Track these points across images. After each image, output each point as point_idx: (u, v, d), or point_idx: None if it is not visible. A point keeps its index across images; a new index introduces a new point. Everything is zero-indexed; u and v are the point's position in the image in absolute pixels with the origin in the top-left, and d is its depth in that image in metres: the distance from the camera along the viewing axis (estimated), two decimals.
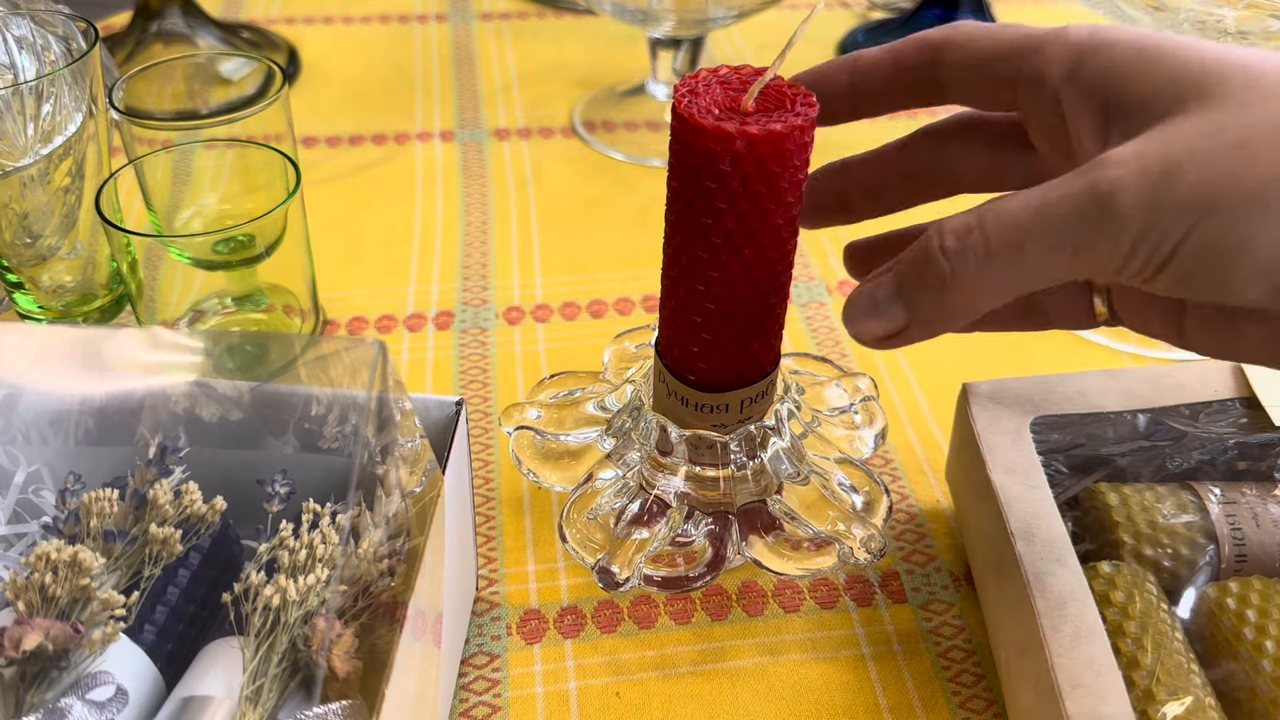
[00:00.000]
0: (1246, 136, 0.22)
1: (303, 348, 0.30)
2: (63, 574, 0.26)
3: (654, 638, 0.37)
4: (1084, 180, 0.23)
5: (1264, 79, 0.23)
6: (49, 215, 0.43)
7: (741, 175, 0.28)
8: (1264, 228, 0.22)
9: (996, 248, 0.24)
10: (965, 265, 0.24)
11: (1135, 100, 0.24)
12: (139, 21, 0.69)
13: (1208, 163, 0.22)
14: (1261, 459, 0.37)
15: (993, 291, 0.25)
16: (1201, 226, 0.22)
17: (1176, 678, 0.30)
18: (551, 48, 0.77)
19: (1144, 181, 0.22)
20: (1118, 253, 0.23)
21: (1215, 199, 0.22)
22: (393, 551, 0.27)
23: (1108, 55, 0.25)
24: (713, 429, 0.34)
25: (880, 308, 0.26)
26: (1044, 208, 0.23)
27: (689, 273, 0.31)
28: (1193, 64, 0.24)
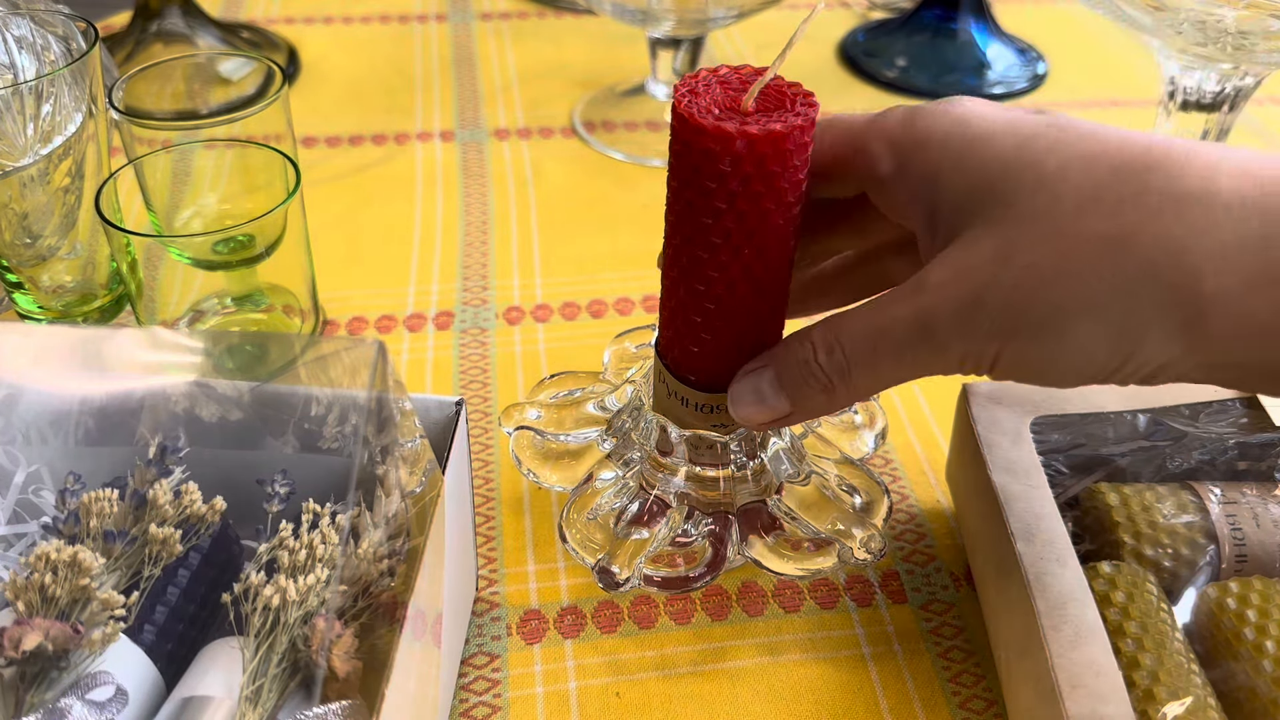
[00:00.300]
0: (1033, 260, 0.25)
1: (303, 348, 0.30)
2: (62, 574, 0.26)
3: (654, 638, 0.37)
4: (910, 307, 0.27)
5: (1046, 186, 0.25)
6: (49, 215, 0.43)
7: (741, 175, 0.28)
8: (1060, 347, 0.25)
9: (855, 366, 0.28)
10: (833, 377, 0.29)
11: (948, 204, 0.27)
12: (139, 21, 0.69)
13: (1003, 295, 0.25)
14: (1262, 459, 0.37)
15: (859, 393, 0.29)
16: (1008, 349, 0.26)
17: (1177, 678, 0.30)
18: (551, 48, 0.77)
19: (955, 314, 0.26)
20: (949, 365, 0.27)
21: (1014, 328, 0.25)
22: (393, 551, 0.27)
23: (923, 155, 0.28)
24: (713, 429, 0.34)
25: (767, 400, 0.30)
26: (883, 331, 0.27)
27: (689, 273, 0.31)
28: (992, 170, 0.26)
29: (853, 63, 0.76)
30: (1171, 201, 0.24)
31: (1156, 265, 0.24)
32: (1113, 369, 0.26)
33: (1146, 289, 0.24)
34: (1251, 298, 0.23)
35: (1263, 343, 0.24)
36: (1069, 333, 0.25)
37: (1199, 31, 0.42)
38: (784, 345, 0.30)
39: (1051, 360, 0.26)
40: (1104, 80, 0.75)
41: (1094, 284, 0.24)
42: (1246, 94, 0.46)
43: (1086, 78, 0.76)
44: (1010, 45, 0.77)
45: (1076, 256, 0.25)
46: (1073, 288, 0.25)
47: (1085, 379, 0.26)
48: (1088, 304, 0.25)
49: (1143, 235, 0.24)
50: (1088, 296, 0.25)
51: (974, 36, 0.76)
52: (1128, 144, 0.25)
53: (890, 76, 0.74)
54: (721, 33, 0.79)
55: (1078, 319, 0.25)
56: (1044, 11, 0.85)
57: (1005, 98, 0.73)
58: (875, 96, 0.72)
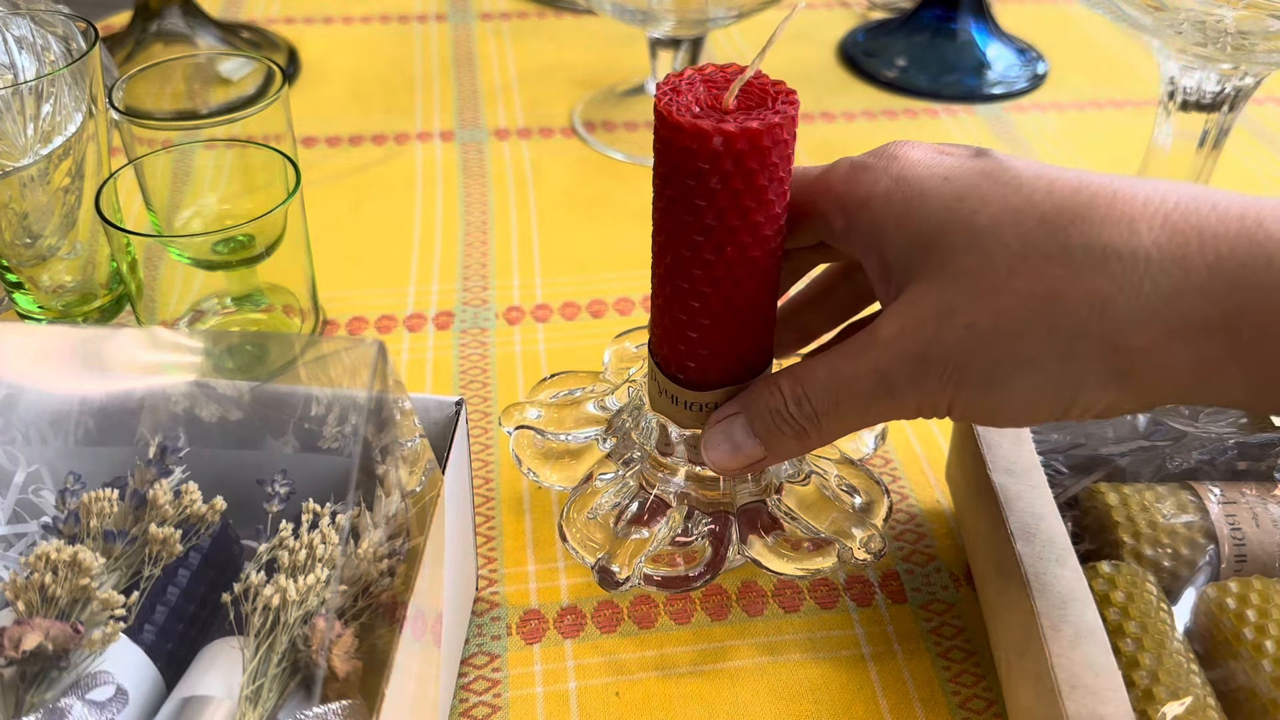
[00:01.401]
0: (972, 321, 0.26)
1: (302, 348, 0.30)
2: (63, 574, 0.26)
3: (654, 638, 0.37)
4: (867, 363, 0.29)
5: (978, 244, 0.27)
6: (49, 215, 0.43)
7: (720, 172, 0.28)
8: (1004, 398, 0.27)
9: (823, 415, 0.30)
10: (810, 424, 0.30)
11: (893, 259, 0.29)
12: (139, 21, 0.69)
13: (946, 352, 0.27)
14: (1261, 459, 0.37)
15: (834, 437, 0.31)
16: (959, 399, 0.28)
17: (1176, 678, 0.30)
18: (551, 48, 0.77)
19: (907, 369, 0.28)
20: (908, 413, 0.29)
21: (960, 381, 0.27)
22: (392, 551, 0.27)
23: (867, 214, 0.29)
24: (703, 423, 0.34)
25: (741, 449, 0.32)
26: (845, 384, 0.29)
27: (673, 270, 0.31)
28: (930, 227, 0.28)
29: (853, 63, 0.76)
30: (1095, 257, 0.25)
31: (1084, 321, 0.25)
32: (1057, 414, 0.27)
33: (1078, 344, 0.25)
34: (1174, 347, 0.25)
35: (1189, 388, 0.25)
36: (1010, 385, 0.27)
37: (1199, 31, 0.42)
38: (754, 393, 0.32)
39: (998, 408, 0.27)
40: (1104, 80, 0.75)
41: (1028, 341, 0.26)
42: (1246, 94, 0.46)
43: (1086, 78, 0.76)
44: (1010, 45, 0.77)
45: (1010, 315, 0.26)
46: (1009, 346, 0.26)
47: (1034, 422, 0.28)
48: (1024, 360, 0.26)
49: (1070, 292, 0.25)
50: (1023, 353, 0.26)
51: (974, 36, 0.76)
52: (1056, 191, 0.26)
53: (890, 76, 0.74)
54: (721, 33, 0.79)
55: (1017, 373, 0.26)
56: (1044, 11, 0.85)
57: (1005, 98, 0.73)
58: (875, 96, 0.72)
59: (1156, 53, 0.47)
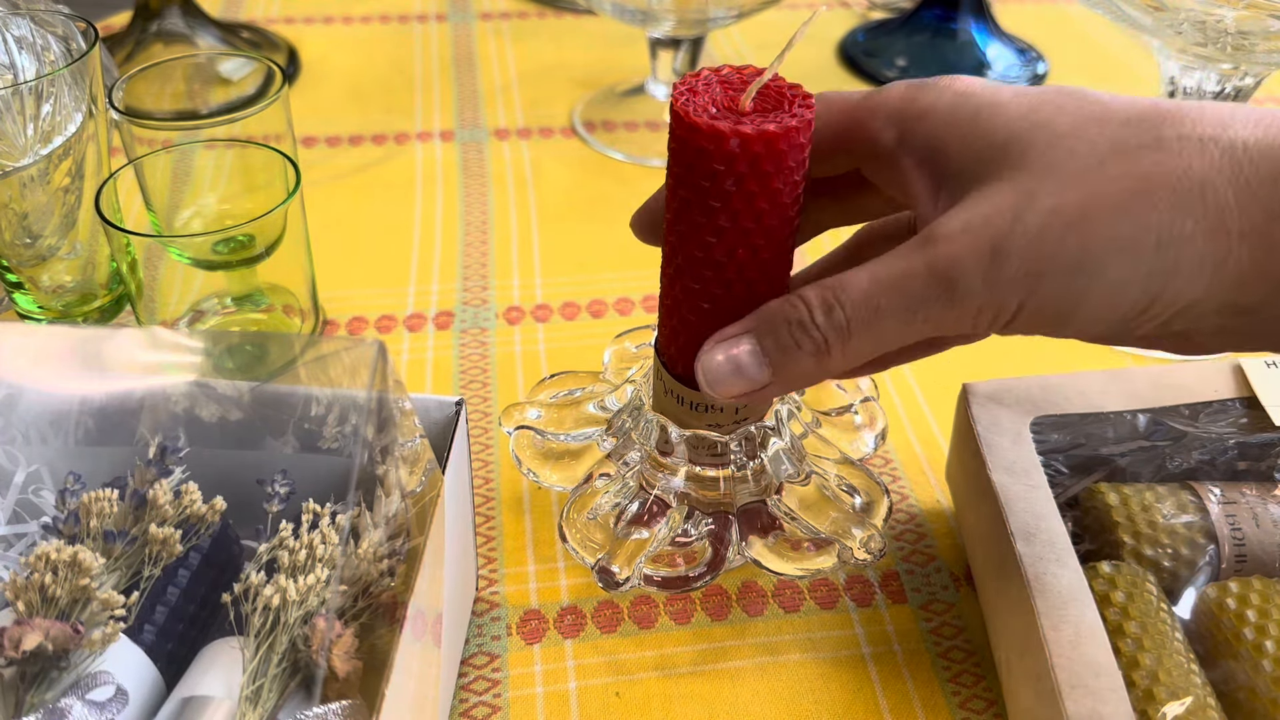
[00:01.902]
0: (1059, 202, 0.24)
1: (302, 348, 0.30)
2: (63, 574, 0.26)
3: (654, 638, 0.37)
4: (923, 257, 0.25)
5: (1063, 141, 0.25)
6: (49, 215, 0.43)
7: (735, 175, 0.28)
8: (1091, 286, 0.25)
9: (855, 324, 0.26)
10: (837, 338, 0.27)
11: (955, 168, 0.27)
12: (139, 21, 0.69)
13: (1032, 234, 0.24)
14: (1261, 459, 0.37)
15: (853, 358, 0.27)
16: (1036, 293, 0.25)
17: (1177, 678, 0.30)
18: (551, 48, 0.77)
19: (979, 260, 0.25)
20: (964, 321, 0.26)
21: (1044, 267, 0.25)
22: (392, 551, 0.27)
23: (926, 128, 0.27)
24: (709, 428, 0.34)
25: (745, 371, 0.28)
26: (893, 284, 0.26)
27: (684, 271, 0.31)
28: (1001, 135, 0.26)
29: (853, 63, 0.76)
30: (1192, 144, 0.24)
31: (1184, 203, 0.24)
32: (1139, 310, 0.25)
33: (1176, 225, 0.24)
34: (1274, 231, 0.23)
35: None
36: (1100, 272, 0.24)
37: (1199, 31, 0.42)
38: (766, 311, 0.28)
39: (1080, 302, 0.25)
40: (1104, 80, 0.75)
41: (1122, 223, 0.24)
42: (1246, 94, 0.46)
43: (1086, 78, 0.76)
44: (1010, 45, 0.77)
45: (1102, 199, 0.24)
46: (1101, 228, 0.24)
47: (1109, 324, 0.25)
48: (1118, 243, 0.24)
49: (1167, 176, 0.24)
50: (1117, 236, 0.24)
51: (974, 36, 0.76)
52: (1136, 103, 0.25)
53: (890, 76, 0.74)
54: (721, 33, 0.79)
55: (1109, 257, 0.24)
56: (1044, 11, 0.85)
57: None
58: None
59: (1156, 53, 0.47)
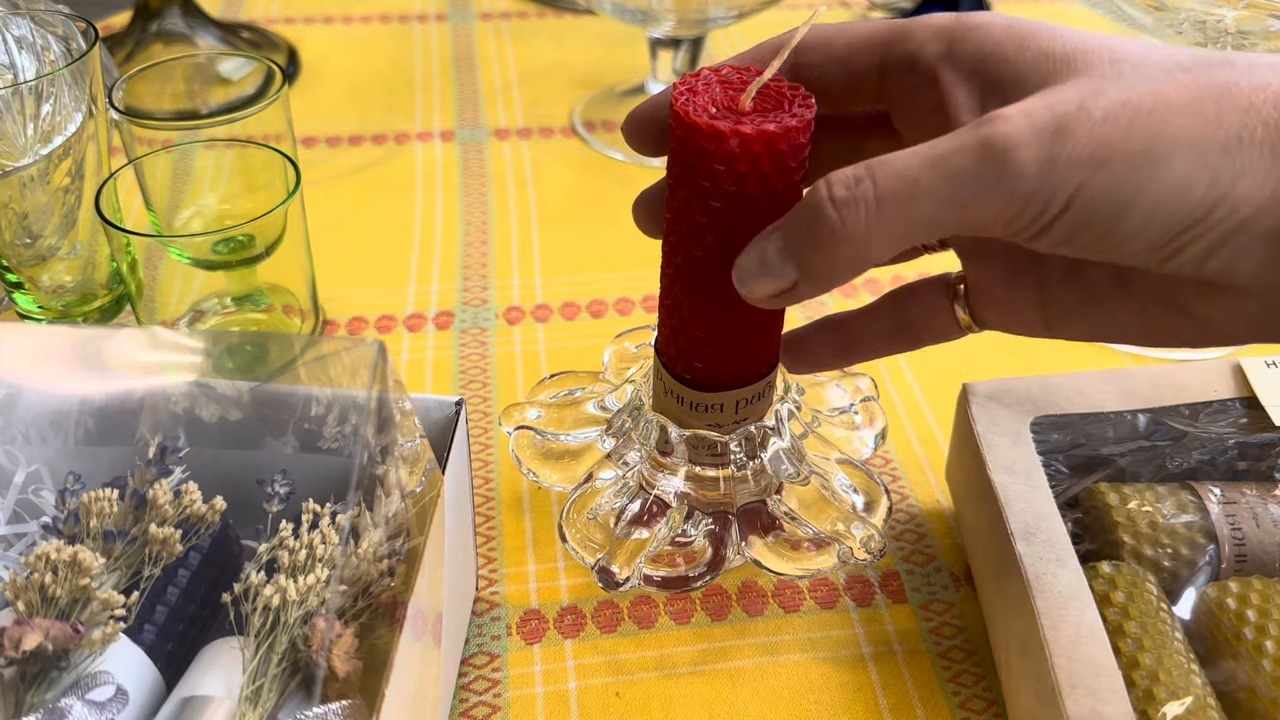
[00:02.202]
0: (1128, 96, 0.23)
1: (302, 348, 0.30)
2: (62, 574, 0.26)
3: (654, 638, 0.37)
4: (976, 135, 0.23)
5: (1128, 58, 0.24)
6: (49, 215, 0.43)
7: (735, 175, 0.28)
8: (1154, 177, 0.23)
9: (887, 198, 0.24)
10: (855, 215, 0.24)
11: (1011, 77, 0.25)
12: (139, 21, 0.69)
13: (1097, 119, 0.23)
14: (1261, 459, 0.37)
15: (881, 243, 0.25)
16: (1095, 180, 0.23)
17: (1177, 678, 0.30)
18: (551, 48, 0.77)
19: (1038, 138, 0.23)
20: (1010, 207, 0.23)
21: (1109, 152, 0.23)
22: (392, 551, 0.27)
23: (979, 37, 0.26)
24: (709, 428, 0.34)
25: (770, 267, 0.26)
26: (937, 160, 0.23)
27: (684, 271, 0.31)
28: (1061, 45, 0.25)
29: None
30: (1261, 64, 0.24)
31: (1255, 109, 0.23)
32: (1194, 219, 0.23)
33: (1246, 130, 0.23)
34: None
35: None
36: (1165, 167, 0.23)
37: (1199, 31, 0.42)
38: (798, 204, 0.26)
39: (1138, 196, 0.23)
40: None
41: (1193, 120, 0.23)
42: None
43: None
44: None
45: (1173, 97, 0.23)
46: (1171, 122, 0.23)
47: (1163, 227, 0.24)
48: (1187, 137, 0.23)
49: (1239, 84, 0.23)
50: (1186, 130, 0.23)
51: None
52: (1196, 51, 0.25)
53: None
54: (721, 33, 0.79)
55: (1176, 150, 0.23)
56: (1044, 12, 0.85)
57: None
58: None
59: None
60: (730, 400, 0.33)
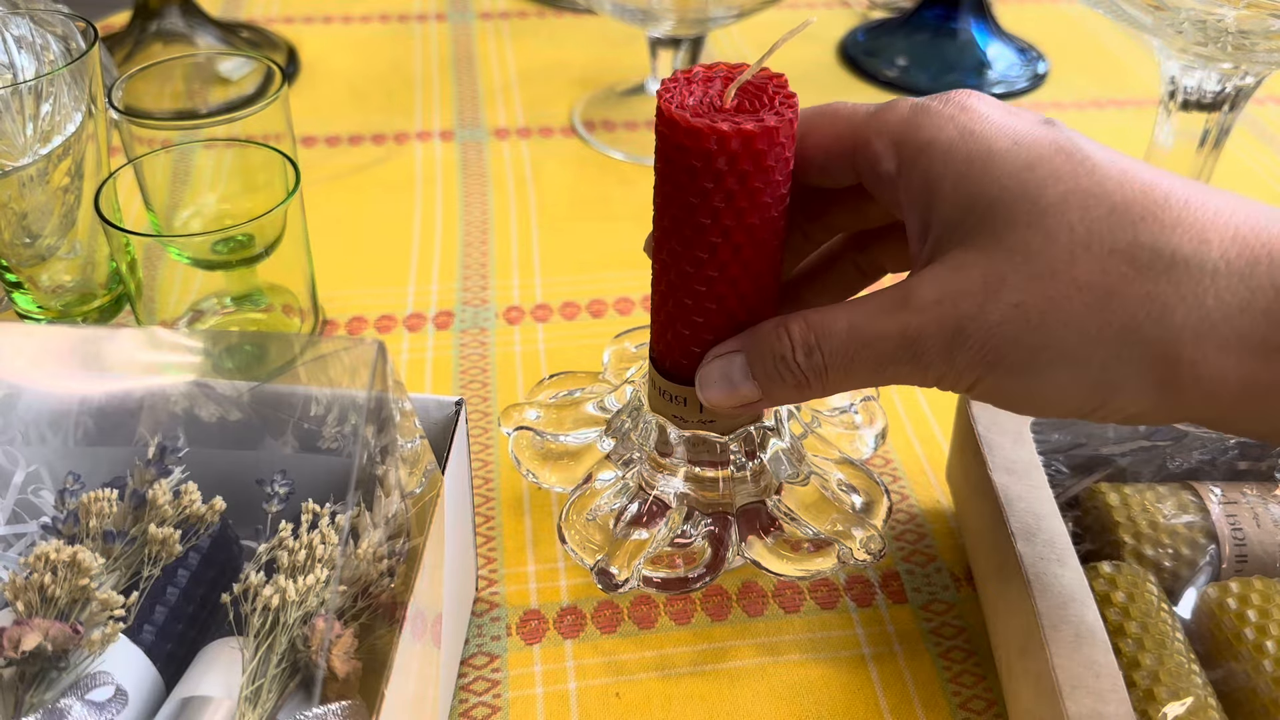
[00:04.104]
0: (1021, 300, 0.26)
1: (302, 348, 0.30)
2: (62, 574, 0.26)
3: (654, 638, 0.37)
4: (896, 324, 0.27)
5: (1042, 223, 0.26)
6: (48, 215, 0.43)
7: (714, 173, 0.28)
8: (1038, 382, 0.26)
9: (832, 368, 0.29)
10: (814, 374, 0.29)
11: (943, 216, 0.28)
12: (138, 21, 0.69)
13: (987, 329, 0.26)
14: (1262, 459, 0.37)
15: (835, 392, 0.30)
16: (987, 379, 0.27)
17: (1177, 678, 0.30)
18: (551, 48, 0.76)
19: (941, 338, 0.27)
20: (928, 382, 0.28)
21: (998, 358, 0.26)
22: (392, 552, 0.27)
23: (924, 163, 0.28)
24: (707, 429, 0.34)
25: (736, 386, 0.30)
26: (867, 343, 0.28)
27: (669, 266, 0.31)
28: (991, 193, 0.26)
29: (853, 62, 0.76)
30: (1163, 260, 0.25)
31: (1139, 323, 0.25)
32: (1086, 411, 0.26)
33: (1127, 346, 0.25)
34: (1226, 364, 0.24)
35: (1229, 409, 0.25)
36: (1047, 376, 0.26)
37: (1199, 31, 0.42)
38: (758, 333, 0.30)
39: (1027, 397, 0.27)
40: (1104, 80, 0.75)
41: (1076, 334, 0.25)
42: (1247, 94, 0.46)
43: (1086, 78, 0.75)
44: (1010, 45, 0.77)
45: (1062, 304, 0.25)
46: (1055, 335, 0.25)
47: (1059, 415, 0.27)
48: (1068, 353, 0.25)
49: (1130, 291, 0.25)
50: (1069, 346, 0.25)
51: (974, 36, 0.76)
52: (1128, 182, 0.26)
53: (890, 76, 0.74)
54: (721, 32, 0.79)
55: (1057, 365, 0.26)
56: (1044, 11, 0.85)
57: (1006, 97, 0.72)
58: (875, 96, 0.72)
59: (1157, 52, 0.47)
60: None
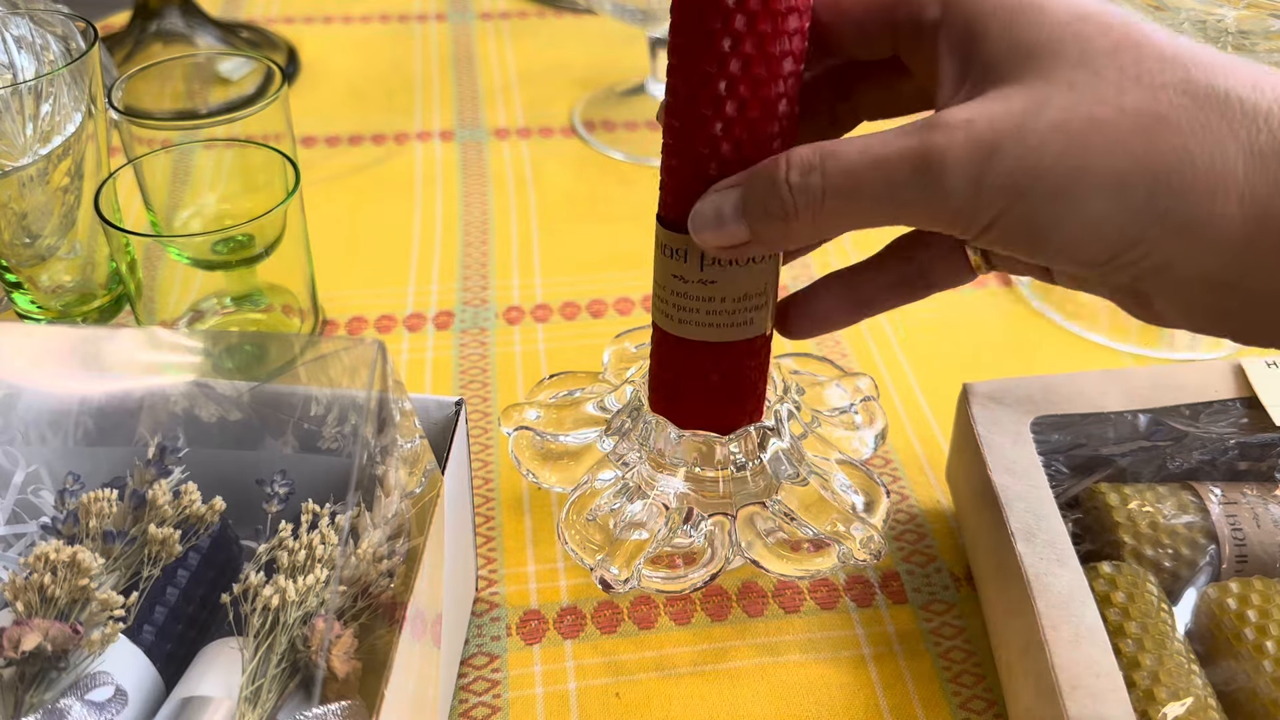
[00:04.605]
0: (1064, 120, 0.24)
1: (302, 348, 0.30)
2: (62, 574, 0.26)
3: (654, 638, 0.37)
4: (916, 141, 0.25)
5: (1091, 62, 0.24)
6: (48, 215, 0.43)
7: (731, 34, 0.27)
8: (1072, 211, 0.24)
9: (832, 191, 0.26)
10: (805, 200, 0.26)
11: (985, 59, 0.26)
12: (138, 21, 0.68)
13: (1025, 147, 0.24)
14: (1262, 459, 0.37)
15: (826, 227, 0.27)
16: (1015, 207, 0.24)
17: (1177, 678, 0.30)
18: (551, 48, 0.76)
19: (969, 157, 0.24)
20: (939, 218, 0.25)
21: (1027, 185, 0.24)
22: (392, 552, 0.27)
23: (972, 9, 0.26)
24: (700, 289, 0.32)
25: (725, 224, 0.28)
26: (879, 162, 0.25)
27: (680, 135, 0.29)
28: (1036, 34, 0.25)
29: None
30: (1217, 96, 0.23)
31: (1190, 152, 0.23)
32: (1111, 254, 0.25)
33: (1175, 175, 0.23)
34: (1274, 204, 0.23)
35: (1272, 255, 0.23)
36: (1083, 203, 0.24)
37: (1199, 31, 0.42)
38: (758, 166, 0.28)
39: (1055, 228, 0.24)
40: None
41: (1122, 159, 0.23)
42: None
43: None
44: None
45: (1108, 127, 0.24)
46: (1098, 159, 0.23)
47: (1080, 258, 0.25)
48: (1109, 180, 0.24)
49: (1181, 120, 0.23)
50: (1112, 171, 0.23)
51: None
52: (1176, 40, 0.25)
53: None
54: None
55: (1095, 192, 0.24)
56: None
57: None
58: None
59: None
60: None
